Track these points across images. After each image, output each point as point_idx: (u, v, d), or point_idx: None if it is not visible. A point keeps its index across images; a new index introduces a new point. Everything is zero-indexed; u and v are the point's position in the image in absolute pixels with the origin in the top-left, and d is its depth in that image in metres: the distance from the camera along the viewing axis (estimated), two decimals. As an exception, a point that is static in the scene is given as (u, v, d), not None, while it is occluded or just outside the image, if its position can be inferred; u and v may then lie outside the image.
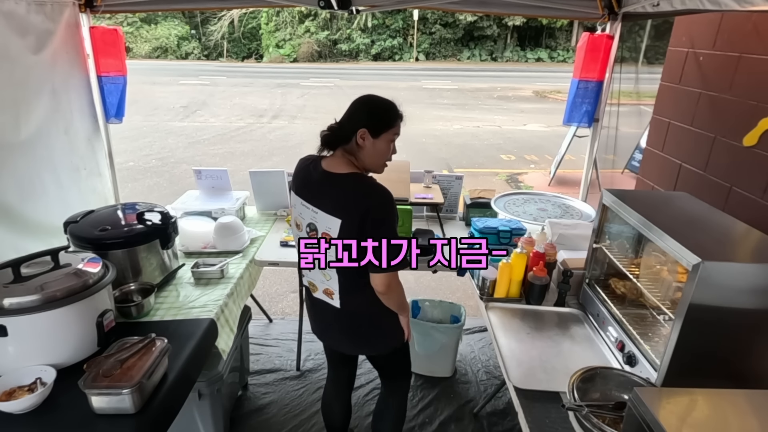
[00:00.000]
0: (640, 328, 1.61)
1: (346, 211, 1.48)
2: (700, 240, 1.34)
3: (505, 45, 24.90)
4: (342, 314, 1.66)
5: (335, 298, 1.63)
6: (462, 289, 3.88)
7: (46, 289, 1.41)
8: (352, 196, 1.49)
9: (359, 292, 1.60)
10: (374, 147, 1.53)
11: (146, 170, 7.15)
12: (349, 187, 1.50)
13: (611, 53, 2.79)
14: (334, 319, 1.69)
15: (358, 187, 1.50)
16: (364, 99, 1.55)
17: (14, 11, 2.10)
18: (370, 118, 1.51)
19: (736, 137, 2.07)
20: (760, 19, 1.99)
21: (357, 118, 1.52)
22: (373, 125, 1.50)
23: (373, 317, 1.67)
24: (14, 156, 2.15)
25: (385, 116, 1.53)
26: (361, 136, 1.50)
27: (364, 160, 1.55)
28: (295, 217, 1.65)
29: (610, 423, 1.24)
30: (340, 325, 1.70)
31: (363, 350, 1.82)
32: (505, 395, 2.67)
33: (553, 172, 6.85)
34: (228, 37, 24.13)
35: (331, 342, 1.86)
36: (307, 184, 1.58)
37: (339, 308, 1.65)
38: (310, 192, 1.56)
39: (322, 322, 1.79)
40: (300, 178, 1.62)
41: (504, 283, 1.95)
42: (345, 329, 1.71)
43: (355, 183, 1.51)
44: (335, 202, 1.50)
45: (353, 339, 1.74)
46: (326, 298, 1.67)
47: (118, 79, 2.76)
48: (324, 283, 1.64)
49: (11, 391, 1.33)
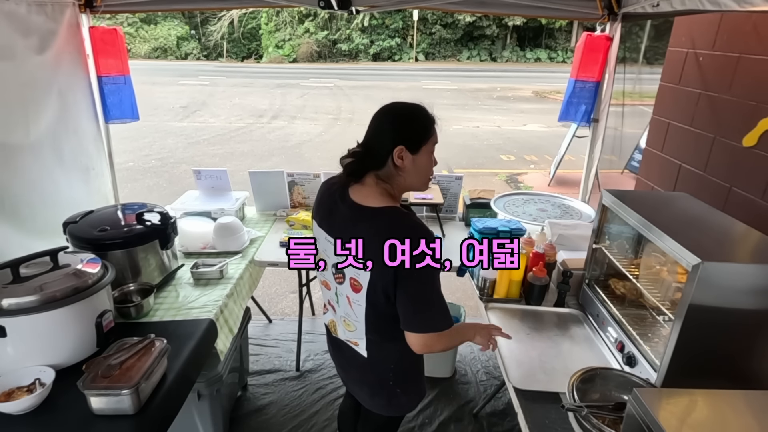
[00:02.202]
0: (640, 328, 1.61)
1: (377, 257, 1.20)
2: (700, 240, 1.34)
3: (505, 45, 24.91)
4: (363, 363, 1.44)
5: (359, 347, 1.42)
6: (462, 290, 3.88)
7: (45, 289, 1.41)
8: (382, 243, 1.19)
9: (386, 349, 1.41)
10: (415, 165, 1.28)
11: (146, 170, 7.15)
12: (381, 227, 1.22)
13: (610, 54, 2.79)
14: (359, 369, 1.49)
15: (393, 227, 1.22)
16: (389, 110, 1.28)
17: (15, 12, 2.10)
18: (405, 131, 1.26)
19: (735, 138, 2.07)
20: (759, 20, 1.99)
21: (388, 135, 1.25)
22: (409, 140, 1.25)
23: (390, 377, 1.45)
24: (24, 156, 2.15)
25: (420, 126, 1.28)
26: (398, 155, 1.25)
27: (405, 182, 1.31)
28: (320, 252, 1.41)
29: (609, 424, 1.23)
30: (364, 377, 1.50)
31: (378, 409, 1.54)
32: (504, 396, 2.67)
33: (552, 173, 6.85)
34: (228, 37, 24.14)
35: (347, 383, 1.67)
36: (332, 216, 1.34)
37: (362, 356, 1.43)
38: (334, 227, 1.32)
39: (342, 367, 1.60)
40: (324, 207, 1.38)
41: (504, 284, 1.95)
42: (364, 381, 1.51)
43: (393, 222, 1.23)
44: (366, 246, 1.23)
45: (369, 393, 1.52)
46: (338, 331, 1.48)
47: (119, 79, 2.75)
48: (345, 334, 1.45)
49: (10, 391, 1.33)
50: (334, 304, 1.45)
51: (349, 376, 1.59)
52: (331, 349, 1.65)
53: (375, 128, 1.29)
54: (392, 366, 1.44)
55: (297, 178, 2.80)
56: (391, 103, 1.31)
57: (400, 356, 1.41)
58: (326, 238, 1.35)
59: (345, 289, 1.34)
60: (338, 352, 1.57)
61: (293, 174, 2.79)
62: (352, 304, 1.34)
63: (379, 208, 1.25)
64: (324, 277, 1.44)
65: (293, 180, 2.81)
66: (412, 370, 1.51)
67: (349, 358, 1.50)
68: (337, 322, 1.48)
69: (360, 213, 1.27)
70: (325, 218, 1.37)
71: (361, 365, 1.47)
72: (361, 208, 1.27)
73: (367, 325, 1.35)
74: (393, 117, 1.28)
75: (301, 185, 2.83)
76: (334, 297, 1.43)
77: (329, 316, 1.54)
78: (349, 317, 1.38)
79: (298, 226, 2.63)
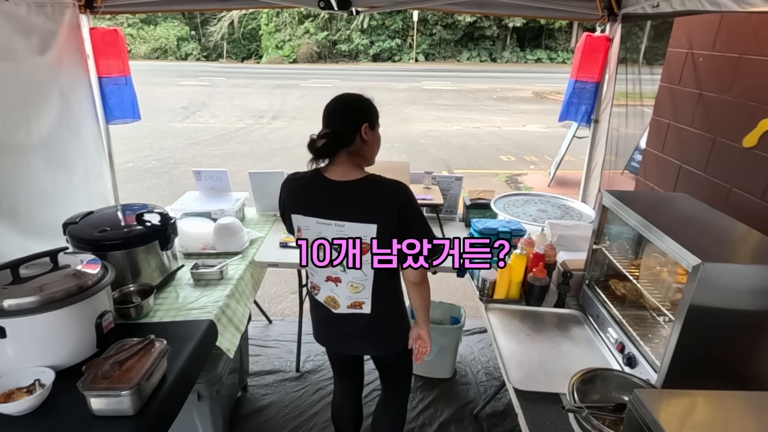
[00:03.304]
0: (640, 329, 1.61)
1: (381, 215, 1.47)
2: (700, 241, 1.34)
3: (505, 46, 24.92)
4: (372, 320, 1.64)
5: (366, 306, 1.61)
6: (462, 290, 3.88)
7: (45, 290, 1.41)
8: (383, 198, 1.48)
9: (387, 294, 1.64)
10: (374, 138, 1.57)
11: (146, 171, 7.15)
12: (374, 189, 1.50)
13: (610, 54, 2.79)
14: (364, 327, 1.66)
15: (384, 187, 1.50)
16: (346, 99, 1.53)
17: (15, 12, 2.10)
18: (365, 113, 1.52)
19: (735, 138, 2.07)
20: (759, 20, 1.99)
21: (352, 116, 1.50)
22: (369, 118, 1.53)
23: (392, 318, 1.71)
24: (27, 157, 2.15)
25: (373, 108, 1.56)
26: (365, 131, 1.50)
27: (370, 153, 1.58)
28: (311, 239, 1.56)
29: (610, 425, 1.23)
30: (368, 330, 1.68)
31: (386, 350, 1.80)
32: (504, 396, 2.66)
33: (552, 173, 6.85)
34: (228, 38, 24.16)
35: (355, 349, 1.83)
36: (317, 201, 1.52)
37: (370, 314, 1.63)
38: (324, 208, 1.51)
39: (345, 335, 1.73)
40: (303, 198, 1.55)
41: (504, 285, 1.95)
42: (374, 334, 1.70)
43: (379, 184, 1.50)
44: (364, 209, 1.48)
45: (380, 341, 1.74)
46: (353, 310, 1.63)
47: (120, 80, 2.76)
48: (350, 297, 1.61)
49: (10, 392, 1.33)
50: (338, 275, 1.59)
51: (352, 340, 1.73)
52: (325, 329, 1.76)
53: (339, 114, 1.51)
54: (390, 308, 1.68)
55: (297, 179, 2.80)
56: (344, 94, 1.54)
57: (393, 296, 1.68)
58: (317, 222, 1.52)
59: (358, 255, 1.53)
60: (338, 326, 1.70)
61: (293, 175, 2.79)
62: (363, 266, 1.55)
63: (363, 178, 1.50)
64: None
65: (293, 181, 2.80)
66: (402, 306, 1.75)
67: (351, 323, 1.66)
68: (339, 293, 1.62)
69: (348, 186, 1.49)
70: (308, 206, 1.54)
71: (365, 323, 1.65)
72: (347, 183, 1.49)
73: (375, 276, 1.56)
74: (352, 103, 1.53)
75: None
76: (338, 270, 1.58)
77: (325, 293, 1.65)
78: (357, 279, 1.58)
79: (298, 226, 2.63)
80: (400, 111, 11.92)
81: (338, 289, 1.61)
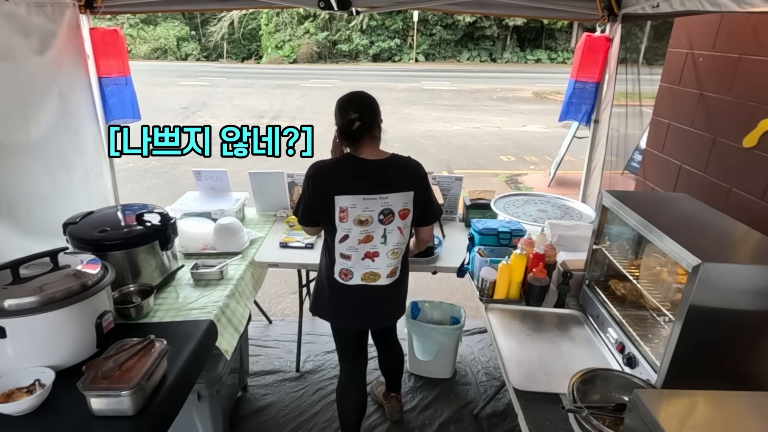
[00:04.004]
0: (640, 329, 1.61)
1: (415, 183, 1.76)
2: (700, 241, 1.34)
3: (505, 46, 24.92)
4: (400, 284, 1.90)
5: (398, 271, 1.86)
6: (462, 291, 3.88)
7: (45, 290, 1.41)
8: (412, 169, 1.78)
9: (405, 259, 1.89)
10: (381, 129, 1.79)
11: (146, 171, 7.15)
12: (403, 164, 1.78)
13: (610, 55, 2.79)
14: (390, 295, 1.90)
15: (410, 161, 1.80)
16: (363, 93, 1.76)
17: (15, 13, 2.10)
18: (375, 107, 1.75)
19: (735, 138, 2.07)
20: (759, 21, 1.99)
21: (373, 106, 1.73)
22: (378, 112, 1.76)
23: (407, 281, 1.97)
24: (25, 157, 2.15)
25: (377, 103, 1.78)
26: (378, 122, 1.74)
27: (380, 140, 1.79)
28: (355, 216, 1.72)
29: (610, 425, 1.23)
30: (394, 296, 1.92)
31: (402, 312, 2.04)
32: (504, 397, 2.66)
33: (552, 173, 6.85)
34: (228, 38, 24.16)
35: (383, 320, 2.02)
36: (360, 179, 1.70)
37: (397, 279, 1.86)
38: (367, 185, 1.70)
39: (371, 309, 1.91)
40: (347, 179, 1.71)
41: (504, 285, 1.95)
42: (401, 298, 1.97)
43: (405, 159, 1.79)
44: (403, 180, 1.74)
45: (402, 305, 2.00)
46: (391, 279, 1.84)
47: (120, 80, 2.76)
48: (390, 265, 1.82)
49: (10, 392, 1.33)
50: (376, 249, 1.78)
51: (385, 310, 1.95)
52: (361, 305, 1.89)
53: (363, 104, 1.72)
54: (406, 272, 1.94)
55: (297, 179, 2.80)
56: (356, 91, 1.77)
57: (407, 260, 1.92)
58: (364, 198, 1.70)
59: (395, 224, 1.76)
60: (375, 299, 1.87)
61: (293, 175, 2.79)
62: (402, 230, 1.79)
63: (390, 155, 1.76)
64: (365, 234, 1.74)
65: (293, 181, 2.81)
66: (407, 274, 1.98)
67: (387, 293, 1.87)
68: (379, 266, 1.80)
69: (383, 164, 1.73)
70: (353, 185, 1.70)
71: (396, 289, 1.89)
72: (380, 161, 1.73)
73: (407, 240, 1.85)
74: (369, 96, 1.76)
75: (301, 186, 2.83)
76: (378, 243, 1.77)
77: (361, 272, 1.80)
78: (399, 245, 1.81)
79: (298, 227, 2.63)
80: (400, 111, 11.92)
81: (377, 263, 1.80)
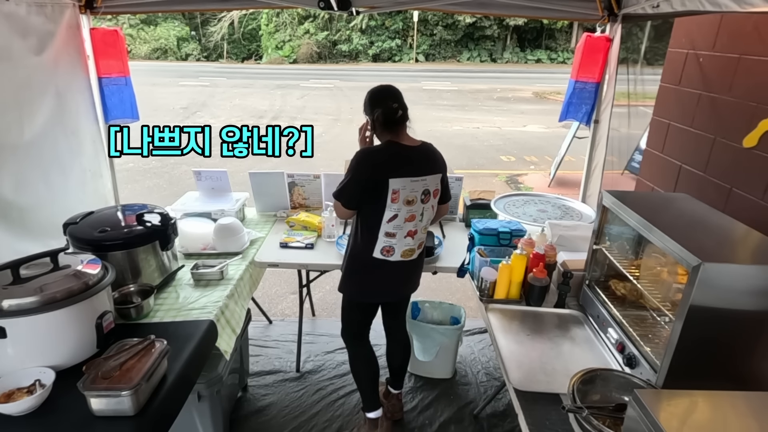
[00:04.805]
0: (641, 329, 1.61)
1: (442, 167, 1.98)
2: (700, 241, 1.34)
3: (505, 46, 24.91)
4: (420, 257, 2.09)
5: (422, 246, 2.07)
6: (462, 291, 3.88)
7: (45, 290, 1.41)
8: (438, 155, 1.99)
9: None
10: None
11: (146, 171, 7.15)
12: (432, 150, 1.98)
13: (610, 55, 2.79)
14: (418, 267, 2.12)
15: (434, 148, 2.00)
16: (392, 88, 1.96)
17: (15, 12, 2.10)
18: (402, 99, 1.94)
19: (736, 138, 2.07)
20: (760, 20, 1.99)
21: (401, 102, 1.91)
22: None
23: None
24: (18, 157, 2.14)
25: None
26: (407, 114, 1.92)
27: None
28: (405, 197, 1.88)
29: (610, 425, 1.23)
30: (420, 267, 2.14)
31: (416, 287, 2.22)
32: (505, 397, 2.66)
33: (552, 174, 6.85)
34: (228, 38, 24.15)
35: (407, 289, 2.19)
36: (407, 164, 1.87)
37: (421, 252, 2.07)
38: (413, 168, 1.87)
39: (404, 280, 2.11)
40: (394, 164, 1.86)
41: (504, 285, 1.95)
42: (420, 269, 2.16)
43: (432, 146, 2.00)
44: (433, 164, 1.94)
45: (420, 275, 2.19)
46: (416, 253, 2.03)
47: (120, 80, 2.76)
48: (420, 239, 2.01)
49: (10, 392, 1.33)
50: (416, 227, 1.95)
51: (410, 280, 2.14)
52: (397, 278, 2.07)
53: (399, 96, 1.93)
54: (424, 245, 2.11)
55: (297, 179, 2.80)
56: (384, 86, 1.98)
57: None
58: (412, 180, 1.87)
59: (430, 203, 1.96)
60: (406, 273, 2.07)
61: (293, 175, 2.79)
62: (433, 208, 2.01)
63: (421, 142, 1.97)
64: (410, 213, 1.90)
65: (293, 181, 2.81)
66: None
67: (415, 266, 2.09)
68: (414, 243, 1.98)
69: (419, 149, 1.93)
70: (403, 169, 1.85)
71: (419, 262, 2.10)
72: (416, 147, 1.93)
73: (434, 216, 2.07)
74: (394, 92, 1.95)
75: (301, 186, 2.83)
76: (418, 220, 1.94)
77: (402, 249, 1.96)
78: (428, 221, 2.02)
79: (298, 227, 2.63)
80: (400, 111, 11.91)
81: (414, 239, 1.97)
